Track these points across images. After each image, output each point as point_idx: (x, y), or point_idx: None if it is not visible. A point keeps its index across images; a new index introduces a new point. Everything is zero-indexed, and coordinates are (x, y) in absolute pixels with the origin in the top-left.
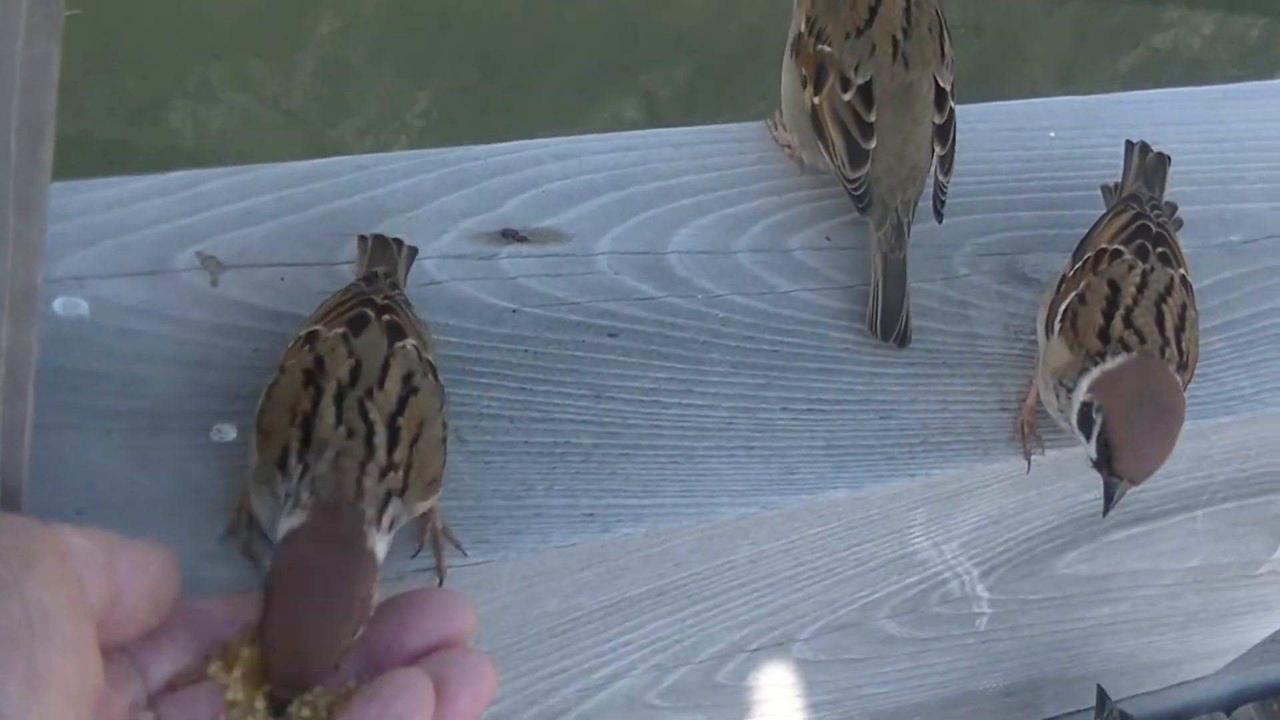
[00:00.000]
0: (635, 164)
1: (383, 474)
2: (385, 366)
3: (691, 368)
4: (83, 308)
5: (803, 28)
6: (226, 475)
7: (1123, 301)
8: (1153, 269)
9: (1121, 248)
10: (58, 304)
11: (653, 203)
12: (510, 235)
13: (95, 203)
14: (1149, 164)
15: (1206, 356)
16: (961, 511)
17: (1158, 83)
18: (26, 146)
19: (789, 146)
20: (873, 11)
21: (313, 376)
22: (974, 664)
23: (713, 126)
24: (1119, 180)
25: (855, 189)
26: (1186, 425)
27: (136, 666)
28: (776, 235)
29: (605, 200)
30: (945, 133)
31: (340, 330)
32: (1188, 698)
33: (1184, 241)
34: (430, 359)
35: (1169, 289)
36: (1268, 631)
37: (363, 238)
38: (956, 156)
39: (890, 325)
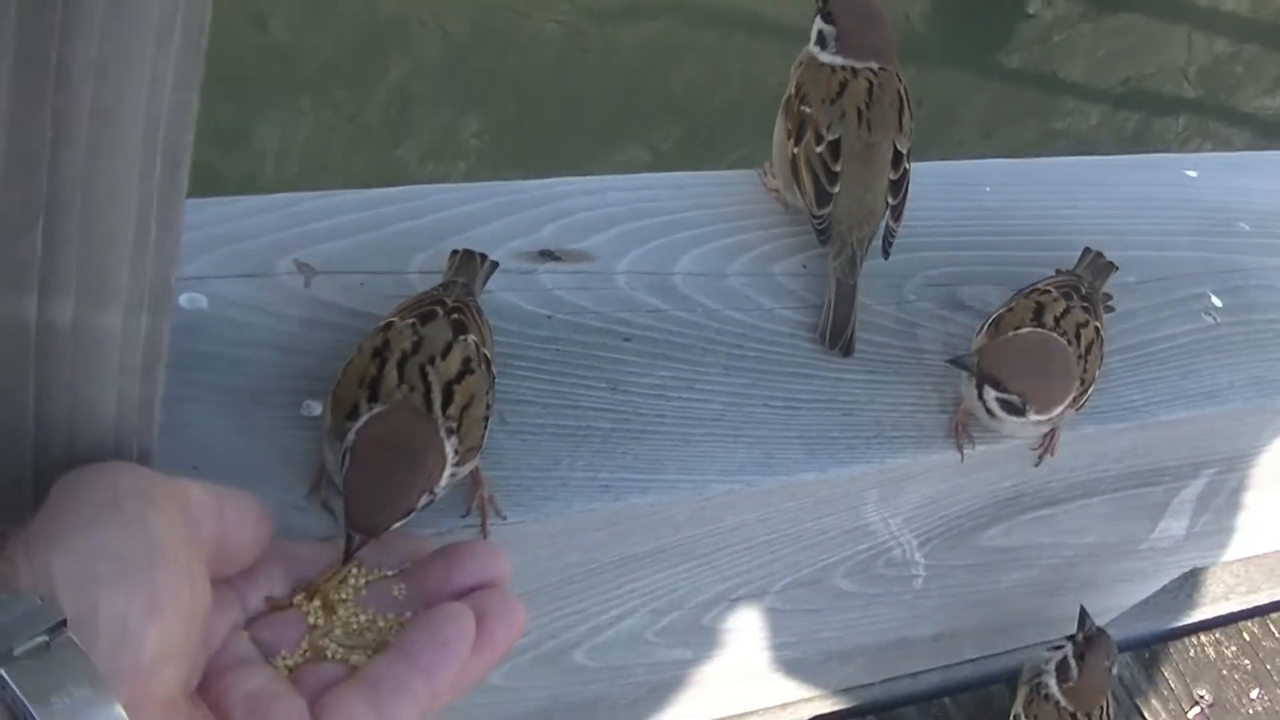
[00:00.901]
0: (649, 200)
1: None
2: (448, 348)
3: (691, 368)
4: (202, 302)
5: (792, 91)
6: (313, 441)
7: (1048, 314)
8: (1074, 308)
9: (1051, 289)
10: (183, 299)
11: (662, 233)
12: (547, 255)
13: (216, 217)
14: (1098, 264)
15: (1105, 375)
16: (905, 493)
17: (1053, 154)
18: (167, 173)
19: (776, 190)
20: (843, 87)
21: (379, 352)
22: (910, 615)
23: (713, 172)
24: (1070, 268)
25: (819, 224)
26: (1089, 429)
27: (237, 595)
28: (763, 262)
29: (625, 229)
30: (898, 187)
31: (411, 321)
32: None
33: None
34: (487, 353)
35: (1084, 325)
36: (1144, 595)
37: (454, 251)
38: (909, 206)
39: (837, 337)
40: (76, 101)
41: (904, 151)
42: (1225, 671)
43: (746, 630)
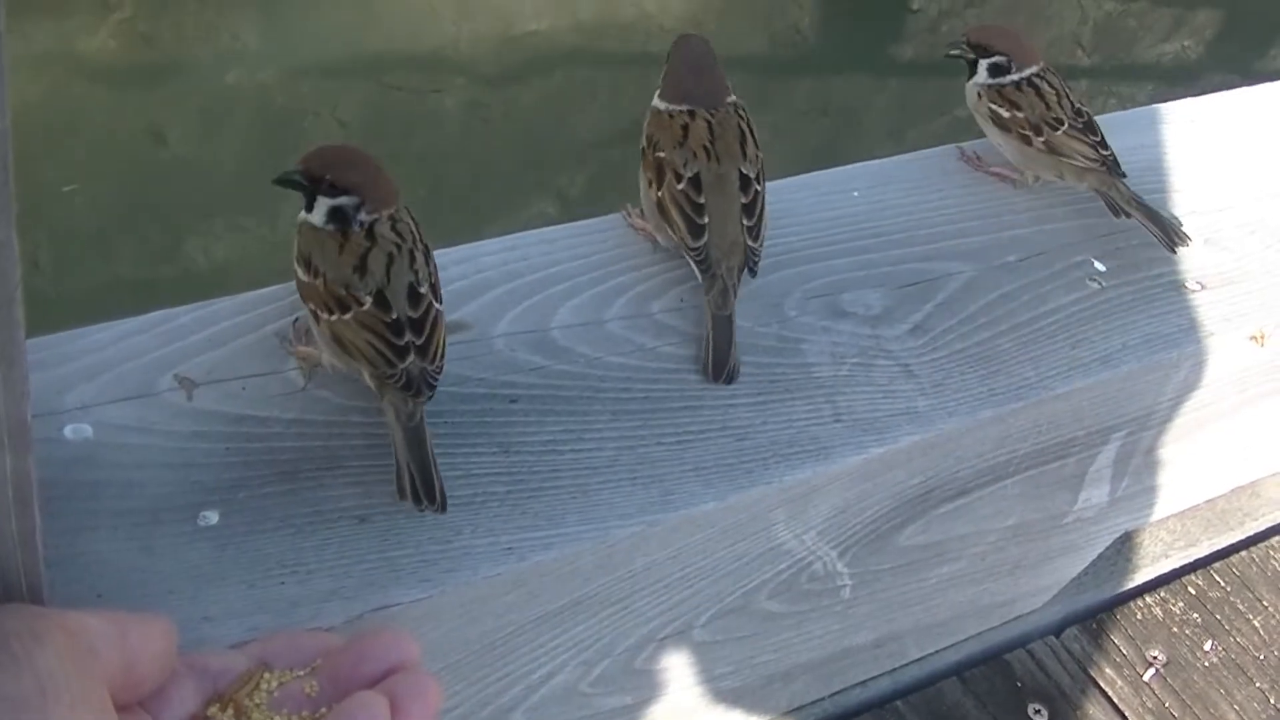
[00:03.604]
0: (519, 260)
1: None
2: None
3: (579, 419)
4: (88, 431)
5: (644, 143)
6: (213, 550)
7: None
8: None
9: None
10: (68, 430)
11: (535, 290)
12: None
13: (92, 345)
14: None
15: (997, 355)
16: (813, 507)
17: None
18: (2, 311)
19: (644, 229)
20: (685, 130)
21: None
22: (844, 626)
23: (580, 222)
24: None
25: (697, 256)
26: (988, 413)
27: (151, 717)
28: (640, 303)
29: (498, 293)
30: (751, 210)
31: None
32: (1023, 628)
33: (972, 266)
34: None
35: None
36: (1081, 567)
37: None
38: (780, 223)
39: (720, 368)
40: None
41: (751, 176)
42: (1176, 629)
43: (681, 668)
